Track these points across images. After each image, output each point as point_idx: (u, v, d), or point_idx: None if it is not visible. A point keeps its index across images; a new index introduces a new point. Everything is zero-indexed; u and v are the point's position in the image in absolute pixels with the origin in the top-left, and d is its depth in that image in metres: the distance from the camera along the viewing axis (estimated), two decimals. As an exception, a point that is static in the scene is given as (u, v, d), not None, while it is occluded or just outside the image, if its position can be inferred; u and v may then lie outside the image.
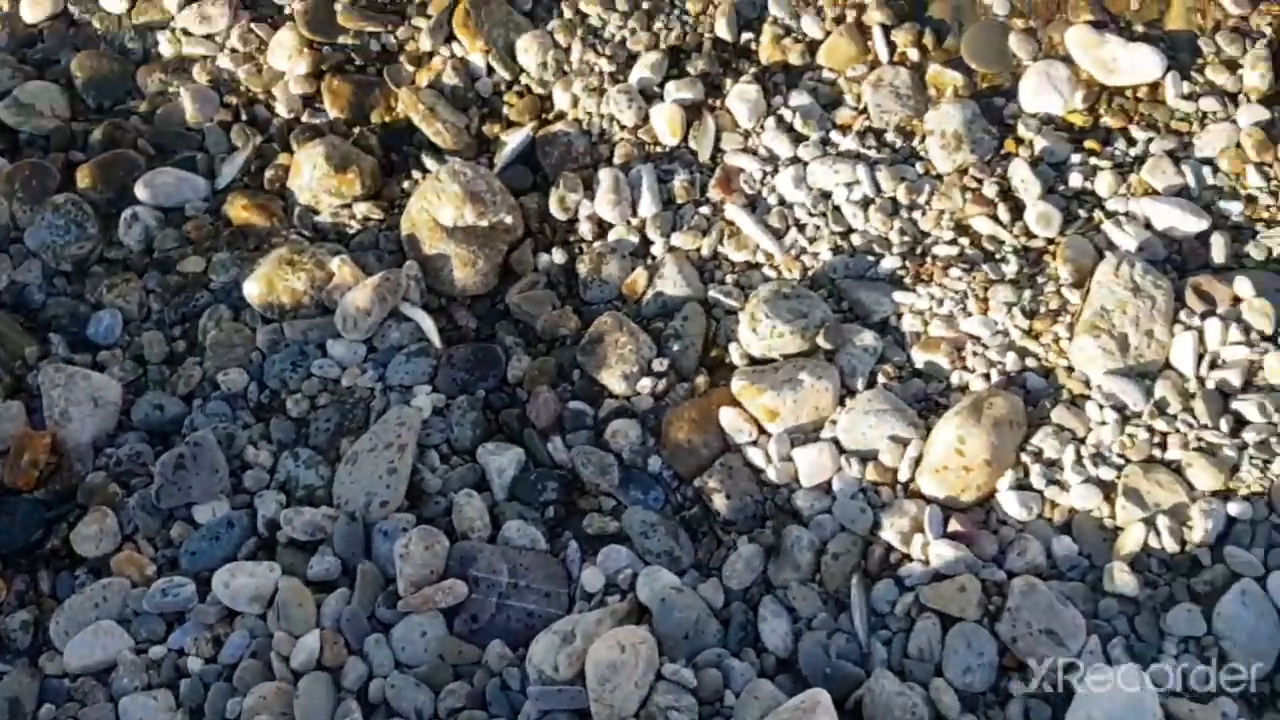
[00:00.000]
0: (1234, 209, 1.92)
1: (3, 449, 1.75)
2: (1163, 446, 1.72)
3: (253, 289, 1.91)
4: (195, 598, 1.63)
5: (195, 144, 2.15)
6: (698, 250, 1.99)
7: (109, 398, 1.82)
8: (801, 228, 1.98)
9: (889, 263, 1.93)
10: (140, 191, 2.04)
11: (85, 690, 1.58)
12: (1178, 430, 1.72)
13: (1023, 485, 1.71)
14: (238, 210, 2.05)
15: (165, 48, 2.27)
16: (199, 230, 2.03)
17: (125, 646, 1.59)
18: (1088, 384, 1.78)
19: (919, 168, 2.02)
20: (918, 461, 1.73)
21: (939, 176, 2.01)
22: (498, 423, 1.85)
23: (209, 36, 2.26)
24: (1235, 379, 1.75)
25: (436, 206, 1.96)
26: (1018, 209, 1.95)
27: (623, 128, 2.11)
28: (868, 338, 1.84)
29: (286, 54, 2.21)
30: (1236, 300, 1.81)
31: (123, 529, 1.71)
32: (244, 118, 2.18)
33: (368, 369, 1.86)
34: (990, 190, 1.97)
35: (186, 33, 2.27)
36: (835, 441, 1.76)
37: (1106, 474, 1.70)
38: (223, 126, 2.16)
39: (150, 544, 1.71)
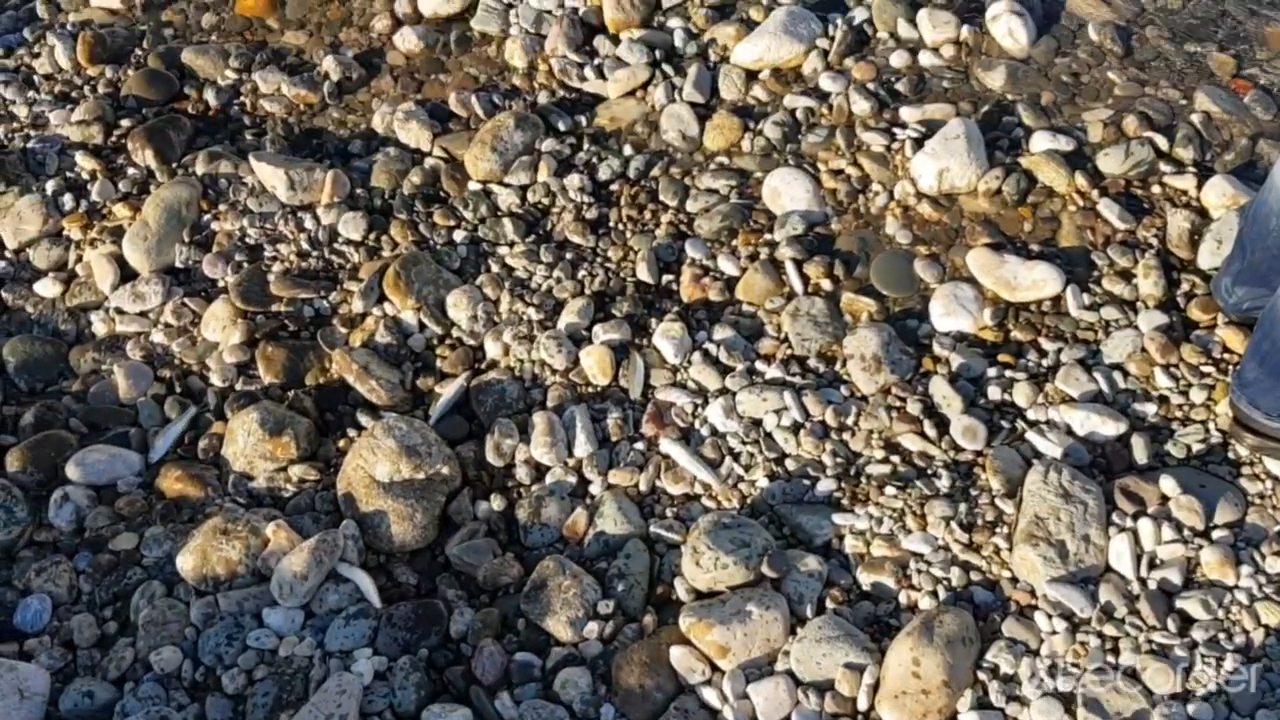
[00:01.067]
0: (1148, 410, 1.99)
1: (-84, 756, 1.65)
2: (1115, 652, 1.71)
3: (186, 562, 1.88)
4: None
5: (128, 419, 2.15)
6: (635, 486, 2.00)
7: (36, 689, 1.73)
8: (736, 456, 2.02)
9: (825, 485, 1.95)
10: (71, 471, 2.03)
11: None
12: (1127, 634, 1.72)
13: (983, 704, 1.69)
14: (171, 483, 2.03)
15: (99, 327, 2.31)
16: (131, 506, 2.00)
17: None
18: (1033, 593, 1.78)
19: (844, 390, 2.08)
20: (875, 688, 1.69)
21: (864, 398, 2.07)
22: (443, 682, 1.79)
23: (143, 314, 2.31)
24: (1175, 577, 1.76)
25: (372, 463, 1.97)
26: (943, 424, 2.01)
27: (554, 371, 2.16)
28: (812, 562, 1.85)
29: (220, 325, 2.26)
30: (1164, 499, 1.85)
31: (45, 835, 1.60)
32: (178, 390, 2.20)
33: (306, 636, 1.81)
34: (914, 408, 2.03)
35: (120, 311, 2.31)
36: (790, 674, 1.73)
37: (1065, 685, 1.68)
38: (156, 400, 2.17)
39: None
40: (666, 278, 2.30)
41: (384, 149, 2.55)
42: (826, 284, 2.25)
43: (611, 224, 2.39)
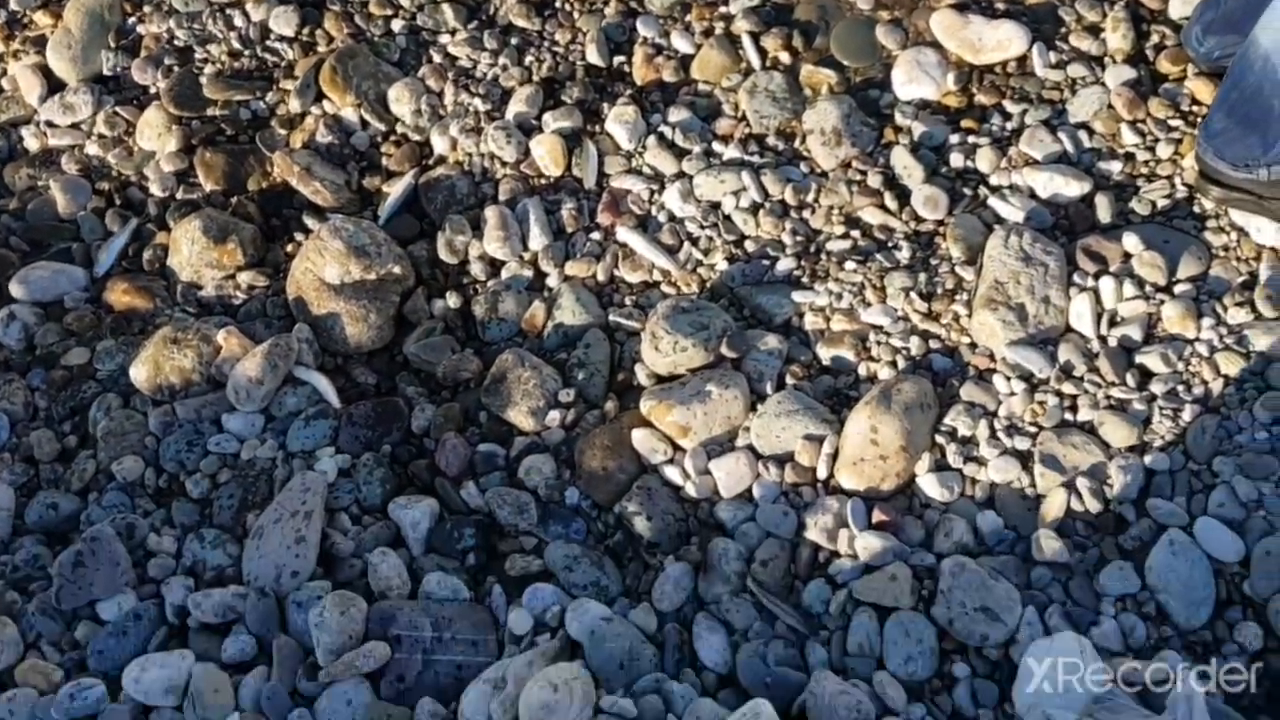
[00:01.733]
0: (1114, 169, 1.94)
1: (-110, 572, 1.66)
2: (1073, 409, 1.71)
3: (139, 373, 1.85)
4: (106, 698, 1.55)
5: (70, 235, 2.09)
6: (593, 277, 1.96)
7: (1, 504, 1.74)
8: (694, 241, 1.97)
9: (784, 264, 1.92)
10: (16, 289, 1.98)
11: (-2, 813, 1.49)
12: (1086, 391, 1.72)
13: (941, 466, 1.70)
14: (118, 296, 1.99)
15: (30, 142, 2.22)
16: (80, 321, 1.96)
17: (36, 761, 1.51)
18: (992, 357, 1.77)
19: (803, 167, 2.02)
20: (834, 457, 1.70)
21: (824, 173, 2.01)
22: (407, 476, 1.80)
23: (75, 125, 2.21)
24: (1136, 334, 1.75)
25: (320, 266, 1.92)
26: (904, 195, 1.96)
27: (504, 164, 2.09)
28: (771, 341, 1.83)
29: (155, 133, 2.16)
30: (1127, 256, 1.82)
31: (25, 637, 1.63)
32: (118, 202, 2.13)
33: (267, 439, 1.81)
34: (875, 180, 1.97)
35: (51, 124, 2.21)
36: (750, 449, 1.74)
37: (1022, 444, 1.69)
38: (97, 214, 2.11)
39: (55, 649, 1.62)
40: (618, 59, 2.19)
41: (312, -64, 2.39)
42: (785, 57, 2.15)
43: (557, 5, 2.26)
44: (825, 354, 1.83)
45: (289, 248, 2.05)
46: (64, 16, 2.29)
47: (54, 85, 2.26)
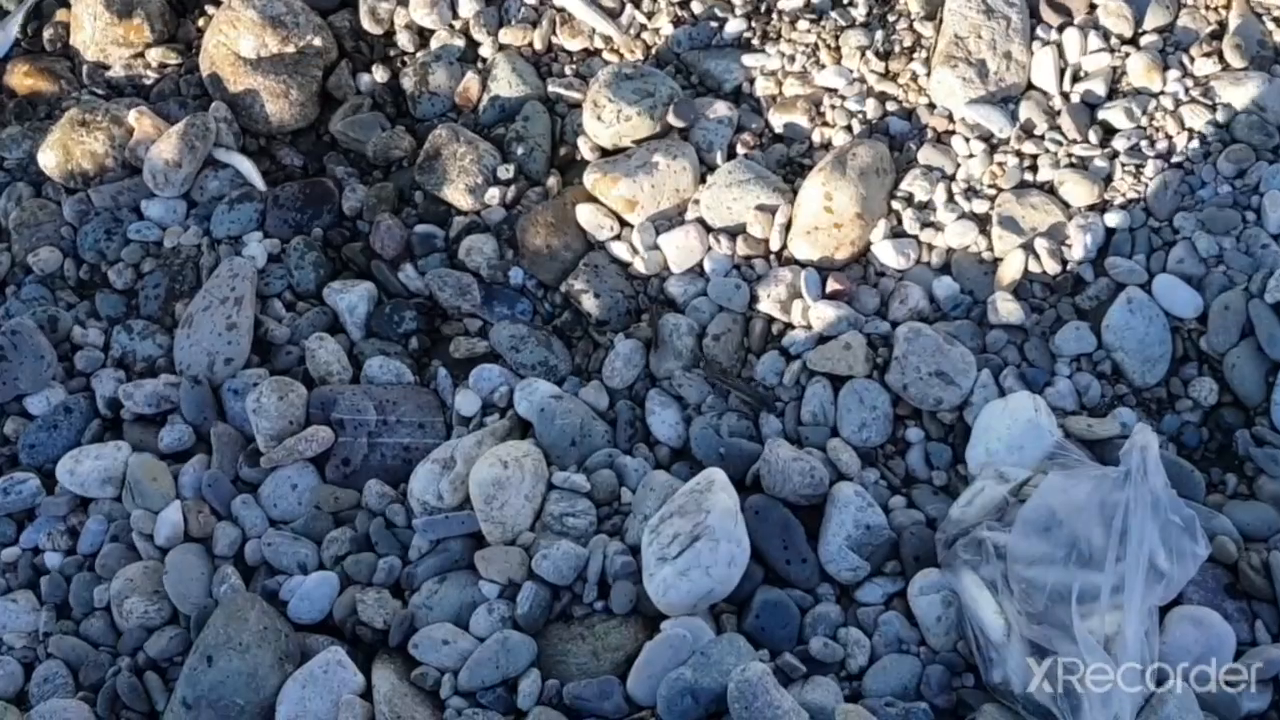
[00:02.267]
0: (1082, -86, 1.81)
1: None
2: (1033, 169, 1.65)
3: (48, 159, 1.73)
4: (41, 491, 1.50)
5: (-42, 15, 1.92)
6: (530, 45, 1.84)
7: (-90, 302, 1.65)
8: (638, 3, 1.84)
9: (734, 26, 1.80)
10: (-97, 73, 1.82)
11: (-59, 609, 1.46)
12: (1047, 150, 1.65)
13: (897, 233, 1.64)
14: (20, 79, 1.84)
15: (-97, -90, 2.00)
16: (-21, 107, 1.82)
17: (-27, 556, 1.47)
18: (951, 118, 1.70)
19: (755, -81, 1.87)
20: (787, 228, 1.64)
21: (777, -75, 1.86)
22: (341, 260, 1.72)
23: (-51, -110, 2.00)
24: (1099, 88, 1.68)
25: (234, 38, 1.77)
26: (861, -52, 1.83)
27: (430, -74, 1.92)
28: (720, 108, 1.73)
29: (41, -104, 1.96)
30: (1092, 7, 1.73)
31: (-49, 438, 1.57)
32: (7, -24, 1.94)
33: (190, 225, 1.71)
34: (833, -69, 1.83)
35: (-78, -111, 1.99)
36: (701, 221, 1.67)
37: (980, 207, 1.63)
38: (-14, -11, 1.93)
39: (-15, 444, 1.57)
40: None
41: None
42: None
43: None
44: (777, 120, 1.74)
45: (200, 22, 1.89)
46: None
47: None
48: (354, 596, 1.41)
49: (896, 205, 1.65)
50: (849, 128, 1.71)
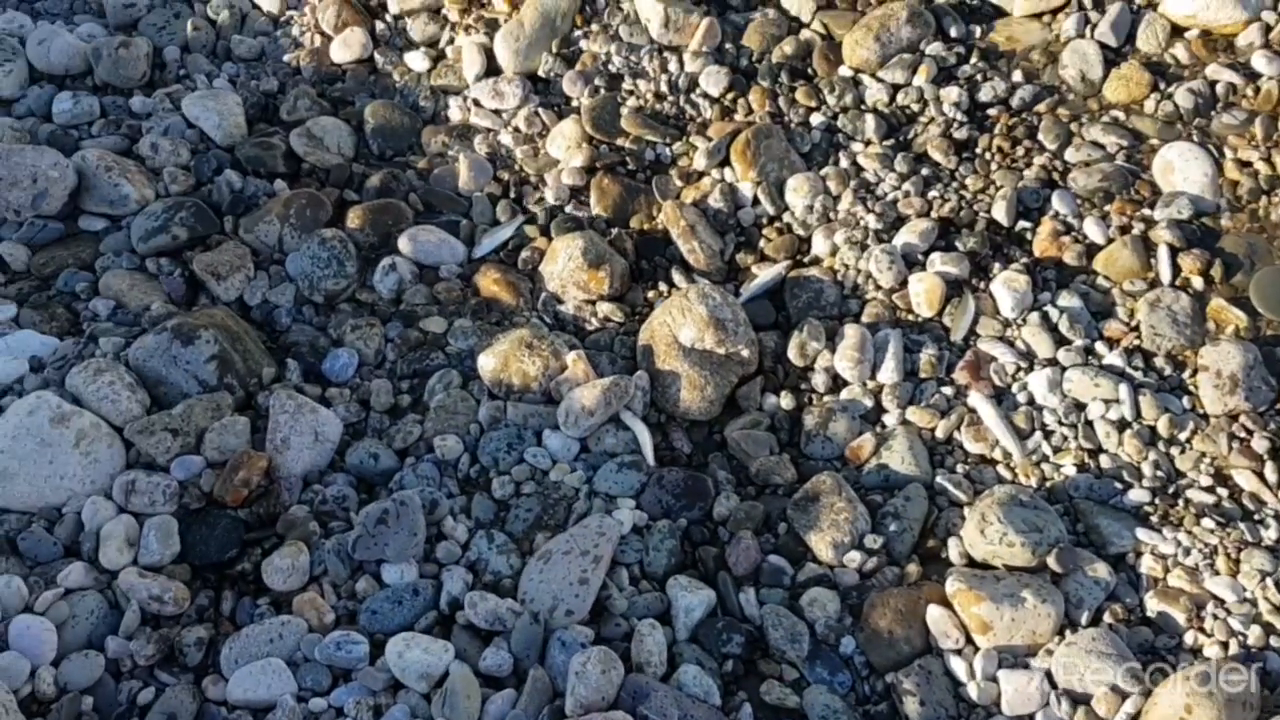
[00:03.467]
0: None
1: (220, 461, 1.78)
2: None
3: (488, 363, 1.93)
4: (366, 659, 1.60)
5: (462, 210, 2.21)
6: (932, 430, 1.91)
7: (329, 435, 1.84)
8: (1048, 434, 1.89)
9: (1136, 494, 1.81)
10: (403, 243, 2.10)
11: (240, 724, 1.56)
12: None
13: (1249, 776, 1.55)
14: (488, 282, 2.08)
15: (454, 113, 2.36)
16: (449, 293, 2.07)
17: (289, 691, 1.57)
18: (1342, 683, 1.61)
19: (1186, 402, 1.90)
20: (1134, 719, 1.58)
21: (1206, 416, 1.88)
22: (693, 557, 1.79)
23: (497, 112, 2.34)
24: None
25: (679, 324, 1.94)
26: (1287, 472, 1.81)
27: (878, 288, 2.07)
28: (1101, 570, 1.72)
29: (565, 144, 2.26)
30: None
31: (312, 569, 1.71)
32: (512, 195, 2.23)
33: (578, 469, 1.84)
34: (1260, 445, 1.83)
35: (478, 103, 2.35)
36: (1048, 674, 1.63)
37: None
38: (490, 199, 2.22)
39: (335, 591, 1.70)
40: (1023, 224, 2.13)
41: (764, 9, 2.44)
42: (1198, 281, 2.04)
43: (979, 150, 2.23)
44: (1153, 605, 1.71)
45: (650, 294, 2.09)
46: (521, 10, 2.43)
47: (492, 68, 2.39)
48: None
49: (1256, 747, 1.56)
50: (1225, 644, 1.66)
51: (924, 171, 2.21)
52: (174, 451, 1.77)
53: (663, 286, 2.11)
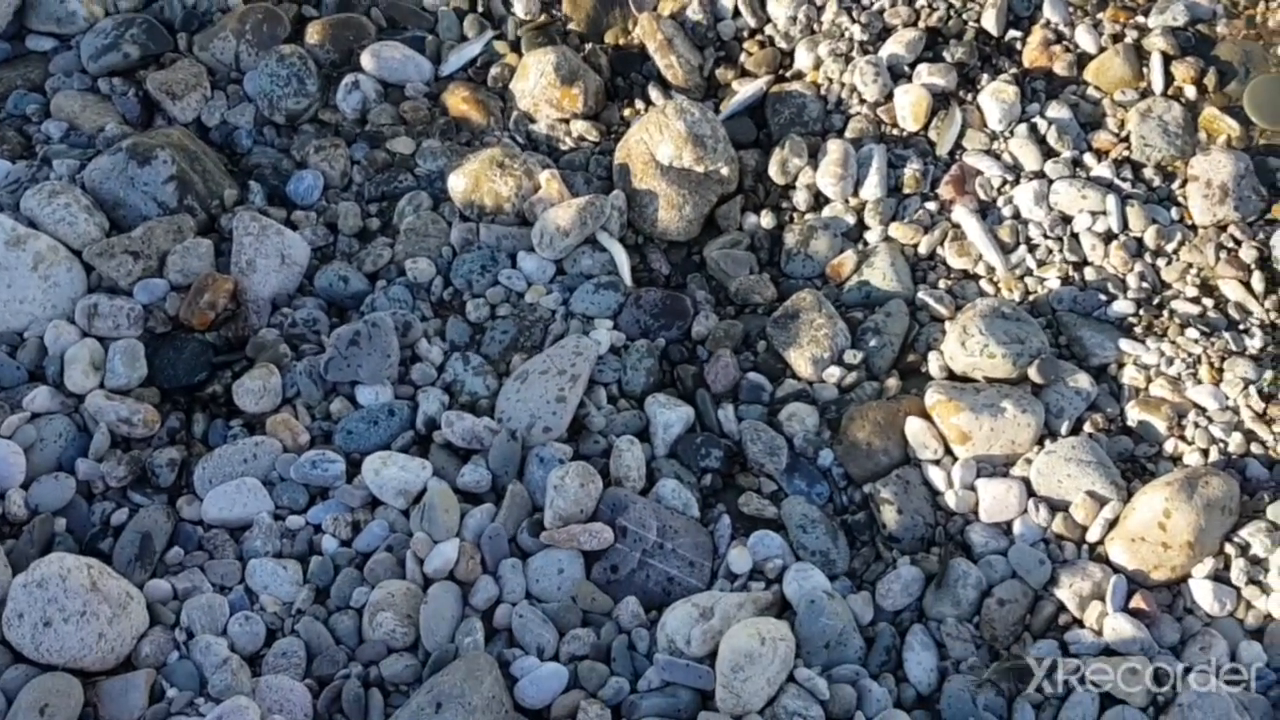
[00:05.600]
0: None
1: (184, 284, 1.73)
2: (1390, 573, 1.55)
3: (458, 183, 1.86)
4: (343, 477, 1.59)
5: (427, 25, 2.10)
6: (914, 246, 1.87)
7: (296, 258, 1.79)
8: (1032, 248, 1.85)
9: (1121, 306, 1.78)
10: (366, 60, 2.00)
11: (217, 543, 1.55)
12: None
13: (1220, 577, 1.57)
14: (457, 101, 2.00)
15: (415, -77, 2.22)
16: (415, 112, 1.98)
17: (265, 509, 1.56)
18: (1319, 488, 1.62)
19: (1174, 213, 1.86)
20: (1112, 524, 1.59)
21: (1194, 227, 1.85)
22: (672, 376, 1.77)
23: (463, -80, 2.21)
24: None
25: (656, 141, 1.88)
26: (1273, 281, 1.79)
27: (862, 101, 1.99)
28: (1083, 381, 1.71)
29: (536, -46, 2.14)
30: None
31: (285, 391, 1.68)
32: (480, 9, 2.12)
33: (553, 290, 1.80)
34: (1248, 255, 1.80)
35: (442, -87, 2.21)
36: (1026, 482, 1.64)
37: (1318, 588, 1.54)
38: (457, 13, 2.11)
39: (309, 412, 1.67)
40: (1013, 34, 2.05)
41: None
42: (1191, 91, 1.97)
43: (969, -43, 2.12)
44: (1134, 415, 1.70)
45: (626, 111, 2.02)
46: None
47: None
48: (578, 702, 1.42)
49: (1229, 549, 1.58)
50: (1205, 452, 1.66)
51: (912, -21, 2.11)
52: (136, 275, 1.71)
53: (639, 104, 2.03)
